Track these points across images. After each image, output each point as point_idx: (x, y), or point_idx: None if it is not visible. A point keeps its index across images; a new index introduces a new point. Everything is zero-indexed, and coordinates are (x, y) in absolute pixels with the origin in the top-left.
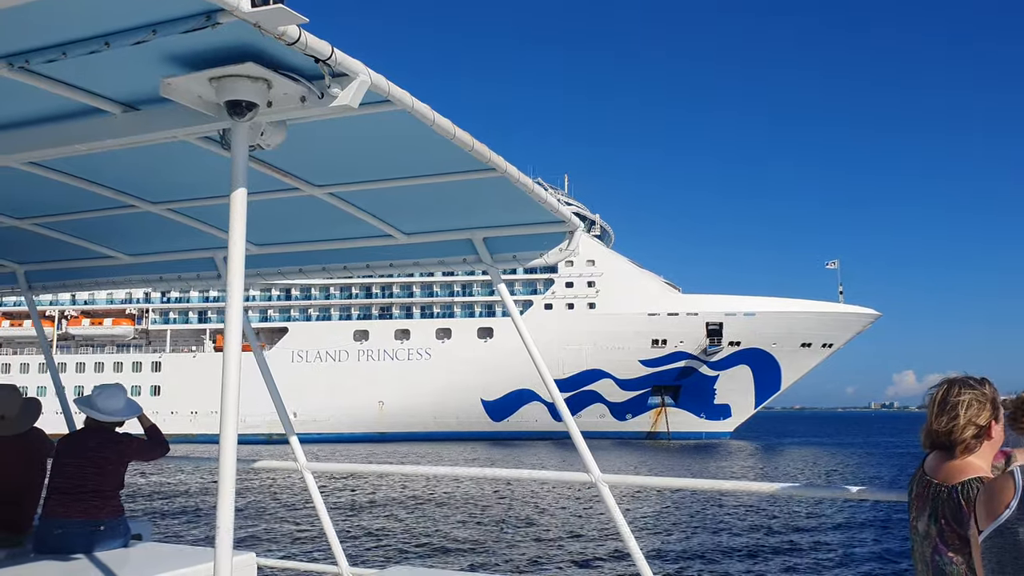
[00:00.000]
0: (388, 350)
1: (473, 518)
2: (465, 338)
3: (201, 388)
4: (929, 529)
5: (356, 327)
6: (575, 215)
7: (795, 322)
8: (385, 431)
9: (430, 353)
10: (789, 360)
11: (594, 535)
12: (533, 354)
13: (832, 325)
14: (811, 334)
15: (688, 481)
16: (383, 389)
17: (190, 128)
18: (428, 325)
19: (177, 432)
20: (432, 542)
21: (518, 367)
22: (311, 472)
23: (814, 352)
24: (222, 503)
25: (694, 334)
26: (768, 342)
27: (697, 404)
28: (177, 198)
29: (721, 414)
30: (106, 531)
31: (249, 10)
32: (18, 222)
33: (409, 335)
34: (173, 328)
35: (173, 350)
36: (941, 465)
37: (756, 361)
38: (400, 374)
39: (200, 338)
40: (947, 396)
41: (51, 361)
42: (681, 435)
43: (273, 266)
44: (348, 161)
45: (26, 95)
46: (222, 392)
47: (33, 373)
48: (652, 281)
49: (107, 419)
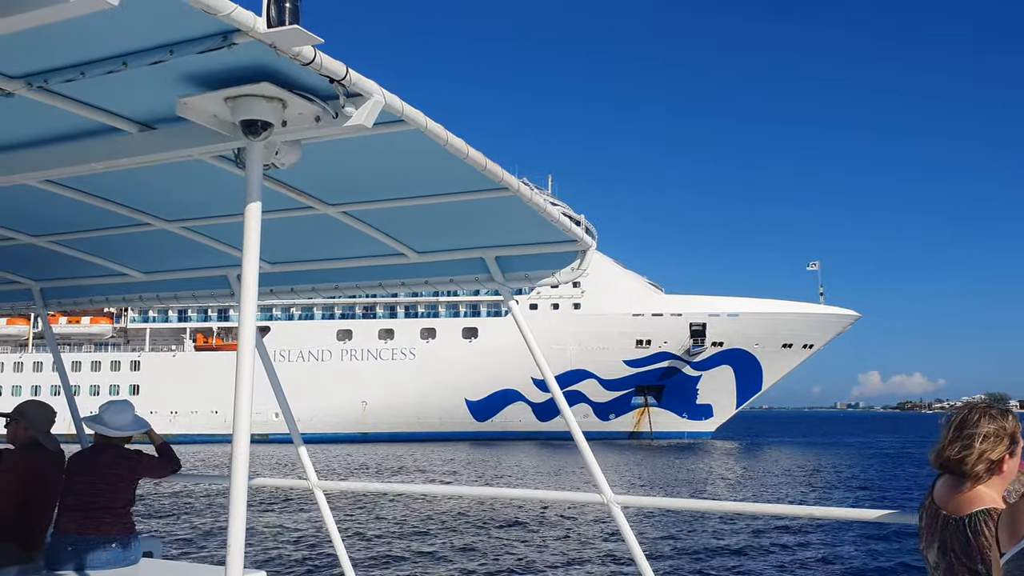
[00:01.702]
0: (372, 350)
1: (481, 536)
2: (450, 338)
3: (181, 388)
4: (939, 561)
5: (339, 326)
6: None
7: (777, 323)
8: (368, 431)
9: (414, 353)
10: (770, 360)
11: (606, 556)
12: (545, 373)
13: (814, 326)
14: (793, 335)
15: (707, 503)
16: (366, 389)
17: (206, 147)
18: (412, 325)
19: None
20: (441, 562)
21: (502, 367)
22: (322, 491)
23: (795, 353)
24: (233, 522)
25: (678, 334)
26: (751, 343)
27: (680, 404)
28: (192, 216)
29: (703, 414)
30: (118, 548)
31: (265, 31)
32: (34, 239)
33: (393, 335)
34: (152, 327)
35: (152, 349)
36: (950, 494)
37: (738, 361)
38: (384, 374)
39: (180, 337)
40: (965, 423)
41: (64, 377)
42: (663, 435)
43: (286, 284)
44: (361, 180)
45: (44, 114)
46: (235, 411)
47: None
48: (636, 282)
49: (116, 434)
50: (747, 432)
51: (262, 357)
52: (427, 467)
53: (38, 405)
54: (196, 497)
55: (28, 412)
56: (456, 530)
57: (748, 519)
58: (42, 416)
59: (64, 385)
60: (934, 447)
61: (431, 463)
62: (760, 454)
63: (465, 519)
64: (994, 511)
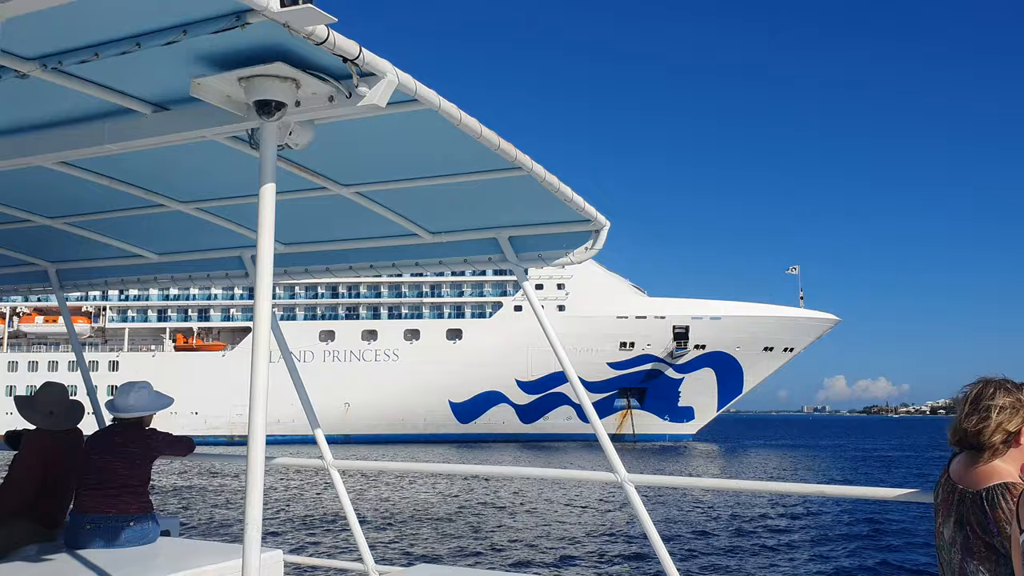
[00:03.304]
0: (355, 351)
1: (496, 516)
2: (433, 339)
3: (160, 389)
4: (955, 536)
5: (322, 327)
6: None
7: (759, 326)
8: (351, 433)
9: (398, 355)
10: (751, 363)
11: (619, 535)
12: (560, 356)
13: (795, 329)
14: (774, 338)
15: (717, 481)
16: (349, 391)
17: (219, 128)
18: (396, 326)
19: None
20: (456, 541)
21: (486, 369)
22: (337, 469)
23: (776, 356)
24: (250, 501)
25: (661, 337)
26: (732, 345)
27: (662, 406)
28: (206, 197)
29: (685, 417)
30: (136, 526)
31: (278, 10)
32: (50, 221)
33: (376, 336)
34: (131, 327)
35: (131, 349)
36: (967, 470)
37: (720, 364)
38: (367, 375)
39: (160, 337)
40: (981, 396)
41: (81, 359)
42: (645, 437)
43: (300, 264)
44: (375, 160)
45: (59, 96)
46: (251, 390)
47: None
48: (620, 284)
49: (123, 415)
50: (726, 435)
51: (278, 340)
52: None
53: (46, 386)
54: (211, 478)
55: (37, 395)
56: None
57: (759, 497)
58: (55, 396)
59: (84, 375)
60: (951, 424)
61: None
62: (743, 457)
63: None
64: (1012, 485)
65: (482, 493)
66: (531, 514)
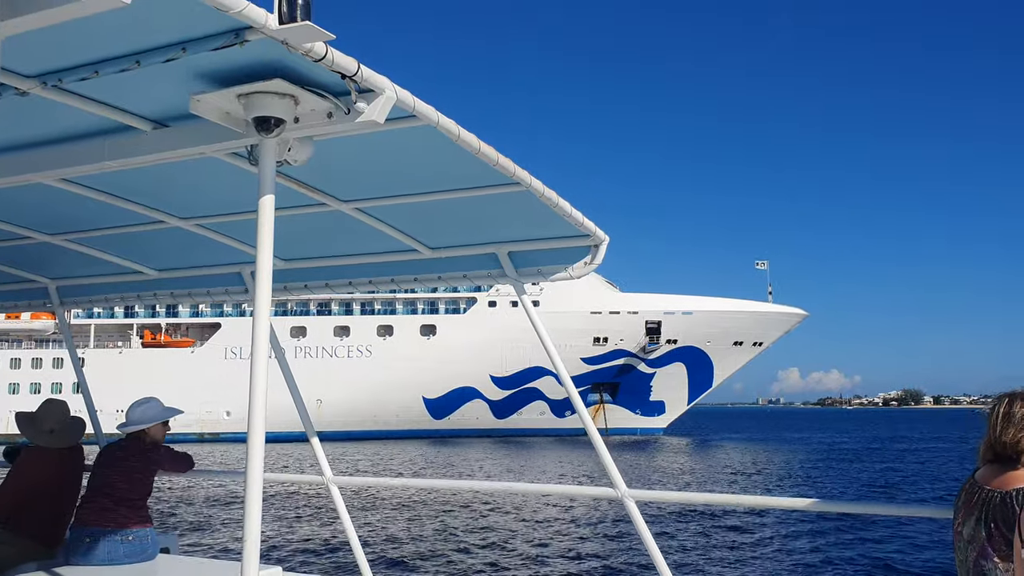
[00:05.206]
0: (327, 347)
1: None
2: (407, 335)
3: (128, 385)
4: (976, 533)
5: (293, 323)
6: None
7: (730, 321)
8: (323, 430)
9: (371, 351)
10: (721, 358)
11: (620, 551)
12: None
13: (765, 324)
14: (744, 333)
15: (722, 497)
16: (321, 387)
17: (219, 144)
18: (369, 322)
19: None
20: (455, 555)
21: (460, 364)
22: (337, 486)
23: (745, 350)
24: (249, 518)
25: (634, 332)
26: (703, 340)
27: (633, 401)
28: (206, 213)
29: (656, 411)
30: (135, 541)
31: (277, 27)
32: (50, 238)
33: (349, 332)
34: (97, 323)
35: (97, 345)
36: (997, 474)
37: (691, 359)
38: (339, 372)
39: (127, 333)
40: (1011, 409)
41: (81, 376)
42: (617, 431)
43: (300, 280)
44: (374, 176)
45: (59, 113)
46: (250, 407)
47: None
48: (594, 280)
49: (125, 429)
50: (694, 428)
51: (277, 355)
52: (385, 467)
53: (46, 404)
54: (211, 494)
55: (38, 413)
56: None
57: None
58: (55, 413)
59: (81, 383)
60: (983, 441)
61: (387, 464)
62: (714, 450)
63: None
64: None
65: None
66: (527, 525)
